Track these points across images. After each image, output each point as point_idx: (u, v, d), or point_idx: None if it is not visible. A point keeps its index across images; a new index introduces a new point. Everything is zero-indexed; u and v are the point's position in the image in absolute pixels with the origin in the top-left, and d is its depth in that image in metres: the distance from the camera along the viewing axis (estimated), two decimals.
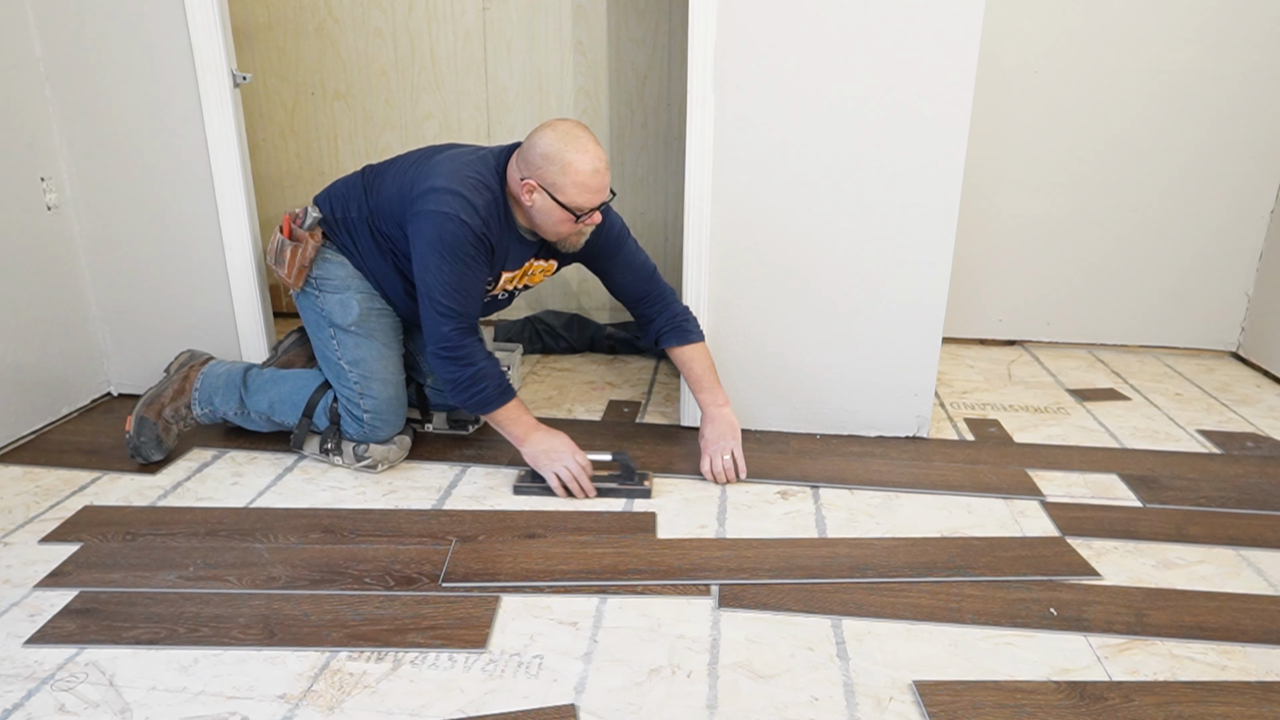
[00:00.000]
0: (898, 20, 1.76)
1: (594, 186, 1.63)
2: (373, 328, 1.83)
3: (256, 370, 1.93)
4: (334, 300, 1.81)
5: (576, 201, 1.64)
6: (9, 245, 1.92)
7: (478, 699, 1.17)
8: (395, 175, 1.77)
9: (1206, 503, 1.76)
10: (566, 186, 1.62)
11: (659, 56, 2.60)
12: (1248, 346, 2.68)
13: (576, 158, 1.61)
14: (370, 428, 1.81)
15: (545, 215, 1.67)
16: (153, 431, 1.83)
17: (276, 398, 1.88)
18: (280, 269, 1.80)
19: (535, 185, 1.64)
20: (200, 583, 1.41)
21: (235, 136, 2.00)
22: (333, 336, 1.81)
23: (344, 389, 1.81)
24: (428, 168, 1.71)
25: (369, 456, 1.82)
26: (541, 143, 1.63)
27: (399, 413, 1.85)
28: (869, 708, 1.17)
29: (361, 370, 1.80)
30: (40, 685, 1.18)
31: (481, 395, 1.70)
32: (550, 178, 1.62)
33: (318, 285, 1.81)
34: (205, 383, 1.90)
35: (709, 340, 1.97)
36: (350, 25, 2.65)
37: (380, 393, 1.81)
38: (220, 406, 1.89)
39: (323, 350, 1.84)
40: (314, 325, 1.84)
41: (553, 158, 1.62)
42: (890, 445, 2.00)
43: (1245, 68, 2.47)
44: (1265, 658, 1.29)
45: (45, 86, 2.00)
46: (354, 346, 1.81)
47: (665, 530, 1.62)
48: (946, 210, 1.87)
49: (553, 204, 1.64)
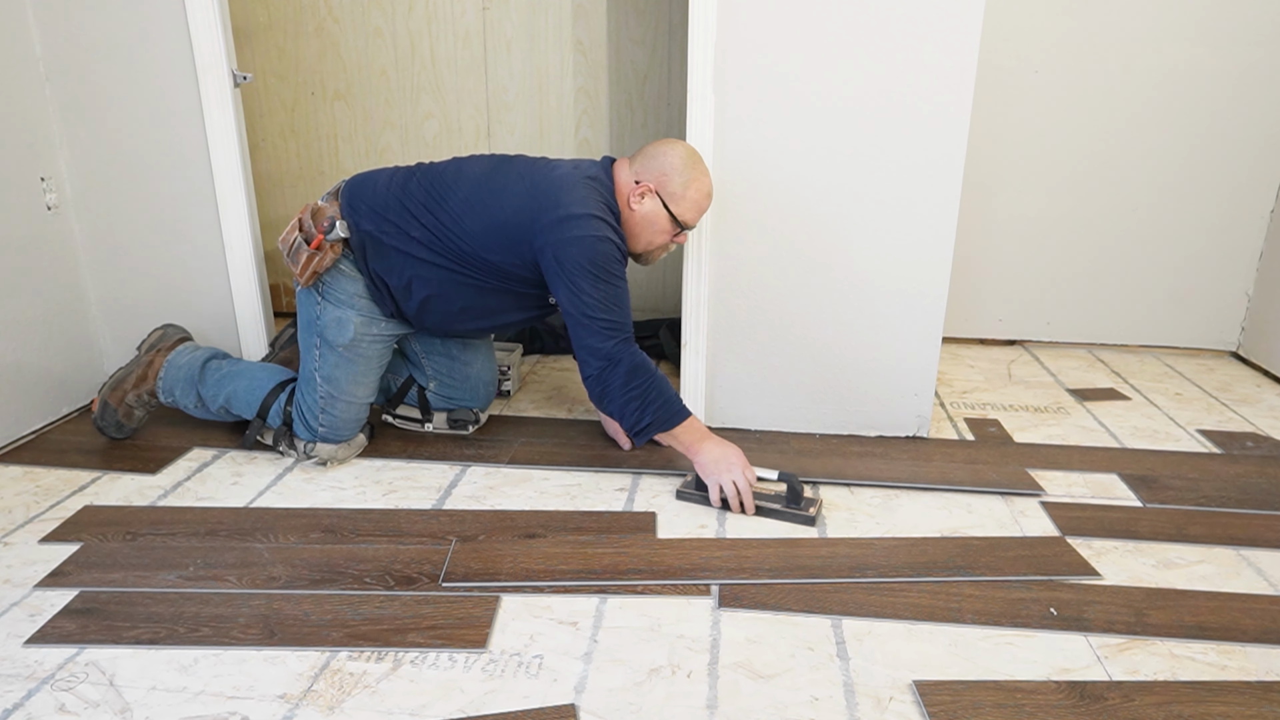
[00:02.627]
0: (898, 20, 1.76)
1: (704, 208, 1.76)
2: (360, 353, 1.81)
3: (215, 363, 1.91)
4: (332, 315, 1.78)
5: (686, 215, 1.74)
6: (9, 245, 1.92)
7: (478, 699, 1.17)
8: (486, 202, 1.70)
9: (1206, 502, 1.76)
10: (684, 200, 1.72)
11: (659, 56, 2.60)
12: (1248, 346, 2.68)
13: (703, 177, 1.73)
14: (321, 437, 1.83)
15: (650, 222, 1.73)
16: (113, 416, 1.88)
17: (233, 393, 1.88)
18: (292, 265, 1.77)
19: (651, 190, 1.71)
20: (200, 582, 1.41)
21: (236, 136, 2.00)
22: (317, 347, 1.80)
23: (308, 397, 1.81)
24: (549, 194, 1.67)
25: (315, 454, 1.84)
26: (672, 154, 1.72)
27: (354, 428, 1.87)
28: (869, 707, 1.17)
29: (332, 388, 1.80)
30: (40, 685, 1.18)
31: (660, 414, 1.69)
32: (672, 188, 1.71)
33: (322, 293, 1.79)
34: (168, 373, 1.90)
35: (710, 339, 1.99)
36: (350, 25, 2.65)
37: (342, 413, 1.82)
38: (180, 399, 1.90)
39: (304, 353, 1.83)
40: (304, 326, 1.83)
41: (682, 170, 1.71)
42: (890, 445, 2.00)
43: (1245, 68, 2.47)
44: (1265, 658, 1.29)
45: (45, 86, 2.00)
46: (334, 365, 1.80)
47: (665, 530, 1.62)
48: (946, 210, 1.87)
49: (663, 211, 1.72)
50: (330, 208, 1.76)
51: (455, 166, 1.78)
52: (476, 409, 2.03)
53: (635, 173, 1.74)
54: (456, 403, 2.02)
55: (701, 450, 1.70)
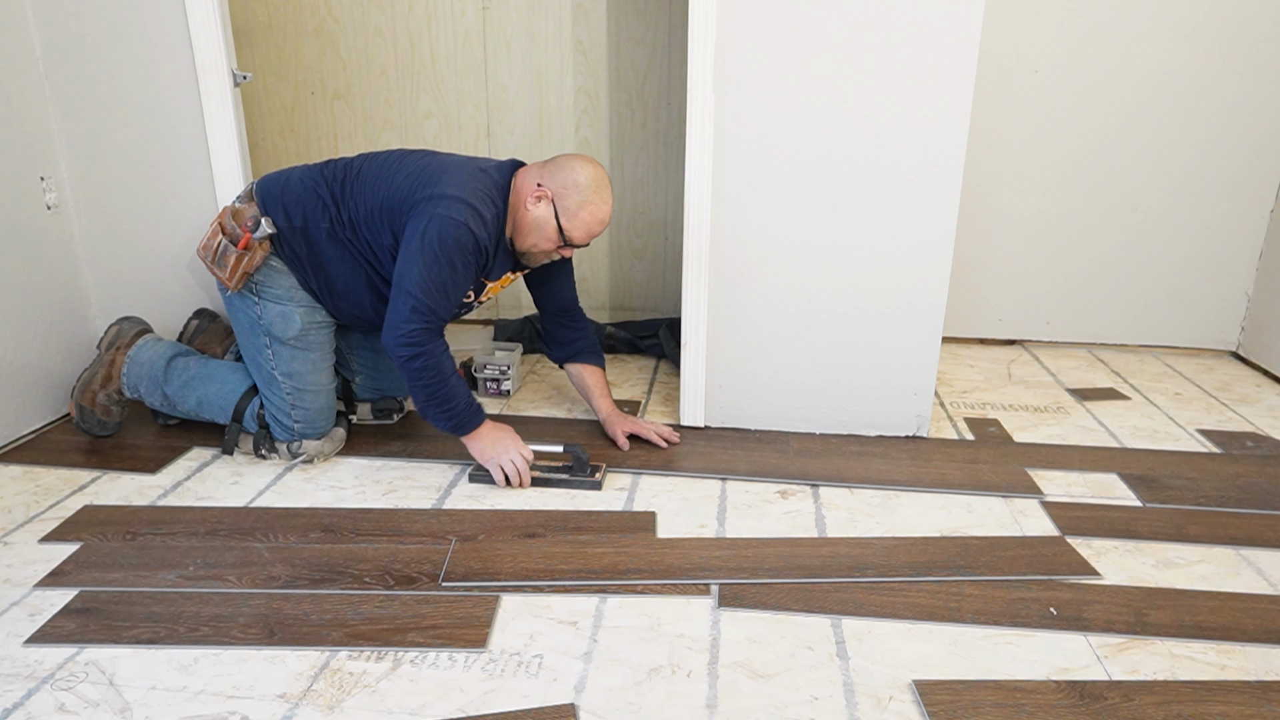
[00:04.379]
0: (898, 20, 1.76)
1: (595, 232, 1.75)
2: (310, 341, 1.82)
3: (181, 361, 1.90)
4: (275, 311, 1.78)
5: (574, 235, 1.73)
6: (9, 245, 1.92)
7: (478, 698, 1.17)
8: (377, 183, 1.73)
9: (1206, 502, 1.76)
10: (576, 217, 1.71)
11: (659, 56, 2.60)
12: (1248, 346, 2.68)
13: (600, 204, 1.73)
14: (299, 434, 1.84)
15: (538, 226, 1.73)
16: (94, 417, 1.90)
17: (204, 397, 1.87)
18: (219, 270, 1.75)
19: (549, 196, 1.71)
20: (200, 582, 1.41)
21: (235, 136, 2.00)
22: (268, 346, 1.79)
23: (274, 398, 1.82)
24: (433, 175, 1.69)
25: (303, 453, 1.85)
26: (579, 171, 1.72)
27: (329, 417, 1.89)
28: (869, 707, 1.17)
29: (295, 382, 1.81)
30: (40, 685, 1.18)
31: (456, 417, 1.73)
32: (568, 203, 1.71)
33: (258, 292, 1.77)
34: (130, 369, 1.90)
35: (710, 339, 2.00)
36: (350, 25, 2.65)
37: (312, 403, 1.84)
38: (146, 396, 1.90)
39: (254, 357, 1.82)
40: (247, 330, 1.81)
41: (582, 188, 1.71)
42: (890, 445, 2.00)
43: (1245, 68, 2.47)
44: (1265, 657, 1.29)
45: (45, 86, 2.00)
46: (290, 359, 1.80)
47: (665, 530, 1.62)
48: (946, 209, 1.87)
49: (553, 222, 1.72)
50: (249, 208, 1.75)
51: (362, 159, 1.79)
52: (401, 398, 2.08)
53: (540, 176, 1.73)
54: (381, 393, 2.06)
55: (475, 438, 1.76)
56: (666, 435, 1.97)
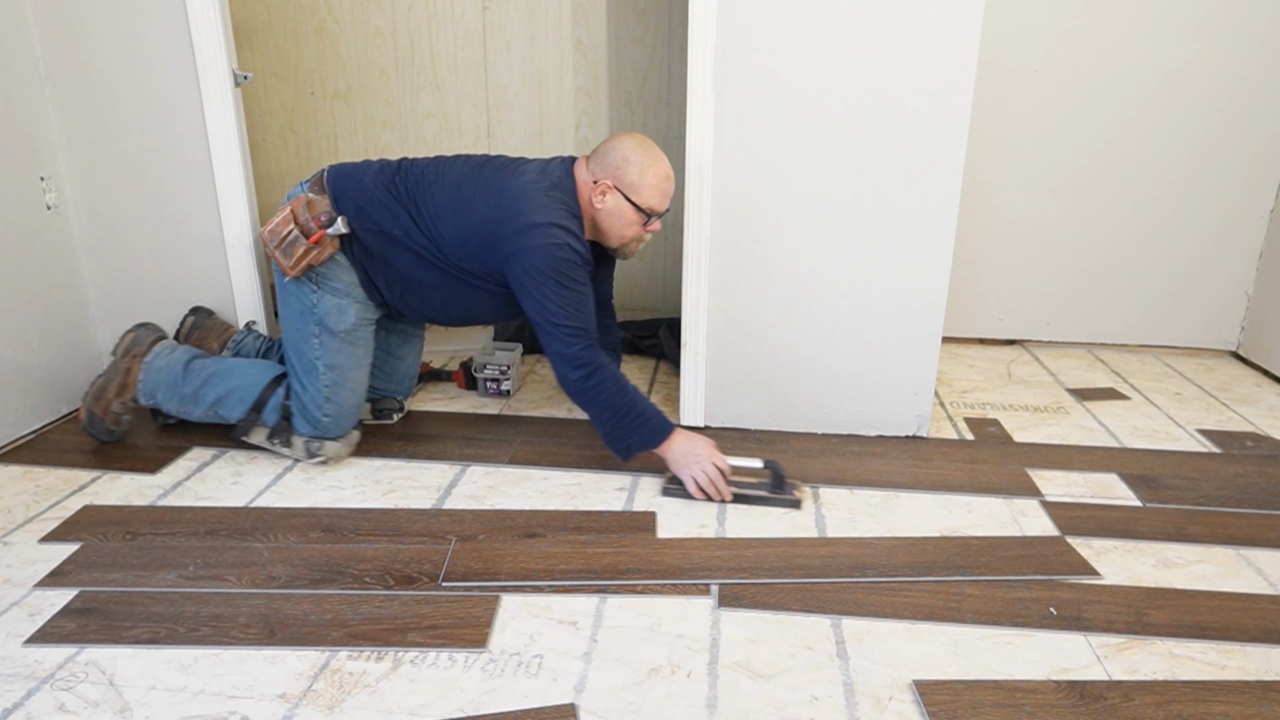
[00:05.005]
0: (898, 20, 1.76)
1: (666, 190, 1.76)
2: (359, 337, 1.84)
3: (199, 363, 1.88)
4: (331, 303, 1.80)
5: (650, 203, 1.74)
6: (9, 245, 1.92)
7: (478, 698, 1.17)
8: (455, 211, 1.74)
9: (1206, 502, 1.76)
10: (643, 188, 1.73)
11: (659, 56, 2.60)
12: (1248, 346, 2.68)
13: (657, 162, 1.74)
14: (325, 429, 1.83)
15: (615, 217, 1.76)
16: (102, 425, 1.89)
17: (224, 392, 1.85)
18: (282, 258, 1.75)
19: (610, 186, 1.73)
20: (200, 582, 1.41)
21: (236, 136, 2.00)
22: (316, 335, 1.80)
23: (310, 388, 1.80)
24: (512, 204, 1.70)
25: (322, 454, 1.84)
26: (620, 147, 1.74)
27: (355, 417, 1.90)
28: (869, 707, 1.17)
29: (336, 375, 1.81)
30: (40, 685, 1.18)
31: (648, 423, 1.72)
32: (628, 179, 1.73)
33: (317, 282, 1.79)
34: (148, 376, 1.87)
35: (710, 339, 2.00)
36: (350, 25, 2.65)
37: (346, 400, 1.84)
38: (164, 402, 1.88)
39: (299, 344, 1.81)
40: (296, 317, 1.82)
41: (632, 160, 1.73)
42: (890, 445, 2.00)
43: (1245, 68, 2.47)
44: (1265, 657, 1.29)
45: (45, 86, 2.00)
46: (336, 352, 1.81)
47: (665, 530, 1.62)
48: (946, 209, 1.87)
49: (626, 204, 1.74)
50: (322, 200, 1.76)
51: (435, 169, 1.80)
52: (401, 398, 2.09)
53: (592, 172, 1.76)
54: (381, 393, 2.06)
55: (669, 447, 1.73)
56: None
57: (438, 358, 2.58)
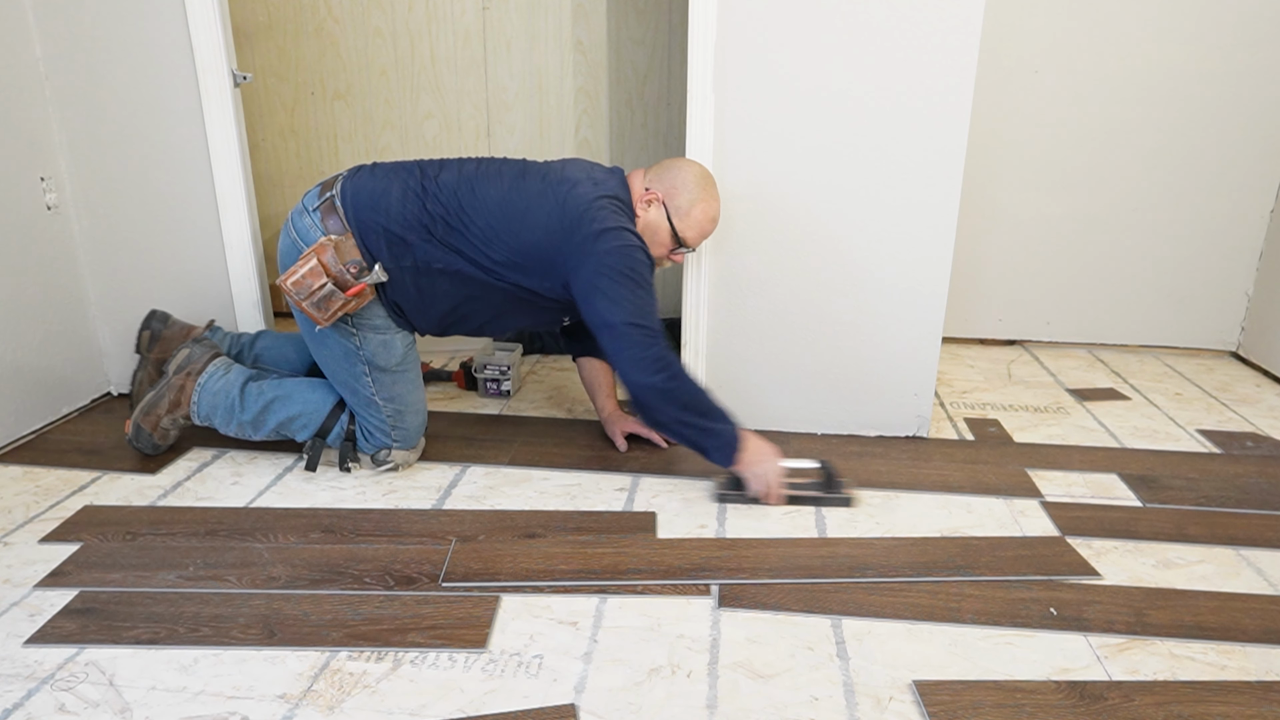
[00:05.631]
0: (898, 19, 1.76)
1: (707, 231, 1.78)
2: (409, 364, 1.82)
3: (254, 387, 1.82)
4: (376, 341, 1.74)
5: (687, 234, 1.75)
6: (9, 245, 1.92)
7: (478, 699, 1.17)
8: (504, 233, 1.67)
9: (1206, 502, 1.76)
10: (689, 217, 1.74)
11: (659, 56, 2.60)
12: (1248, 346, 2.68)
13: (711, 201, 1.75)
14: (395, 445, 1.83)
15: (652, 230, 1.74)
16: (149, 440, 1.85)
17: (286, 418, 1.81)
18: (316, 311, 1.63)
19: (660, 200, 1.73)
20: (200, 582, 1.41)
21: (236, 136, 2.00)
22: (367, 374, 1.76)
23: (374, 420, 1.79)
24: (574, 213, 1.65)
25: (391, 460, 1.83)
26: (688, 172, 1.75)
27: (423, 429, 1.88)
28: (869, 707, 1.17)
29: (397, 405, 1.80)
30: (40, 685, 1.18)
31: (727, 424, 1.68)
32: (679, 202, 1.73)
33: (355, 325, 1.73)
34: (202, 399, 1.81)
35: (710, 339, 2.00)
36: (350, 25, 2.65)
37: (411, 422, 1.83)
38: (221, 426, 1.83)
39: (350, 384, 1.77)
40: (341, 358, 1.75)
41: (692, 188, 1.73)
42: (890, 445, 2.00)
43: (1245, 68, 2.47)
44: (1265, 658, 1.29)
45: (45, 86, 2.00)
46: (391, 384, 1.78)
47: (665, 530, 1.62)
48: (946, 209, 1.87)
49: (665, 224, 1.74)
50: (347, 241, 1.65)
51: (469, 188, 1.69)
52: None
53: (648, 181, 1.76)
54: None
55: (745, 447, 1.69)
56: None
57: (438, 358, 2.58)
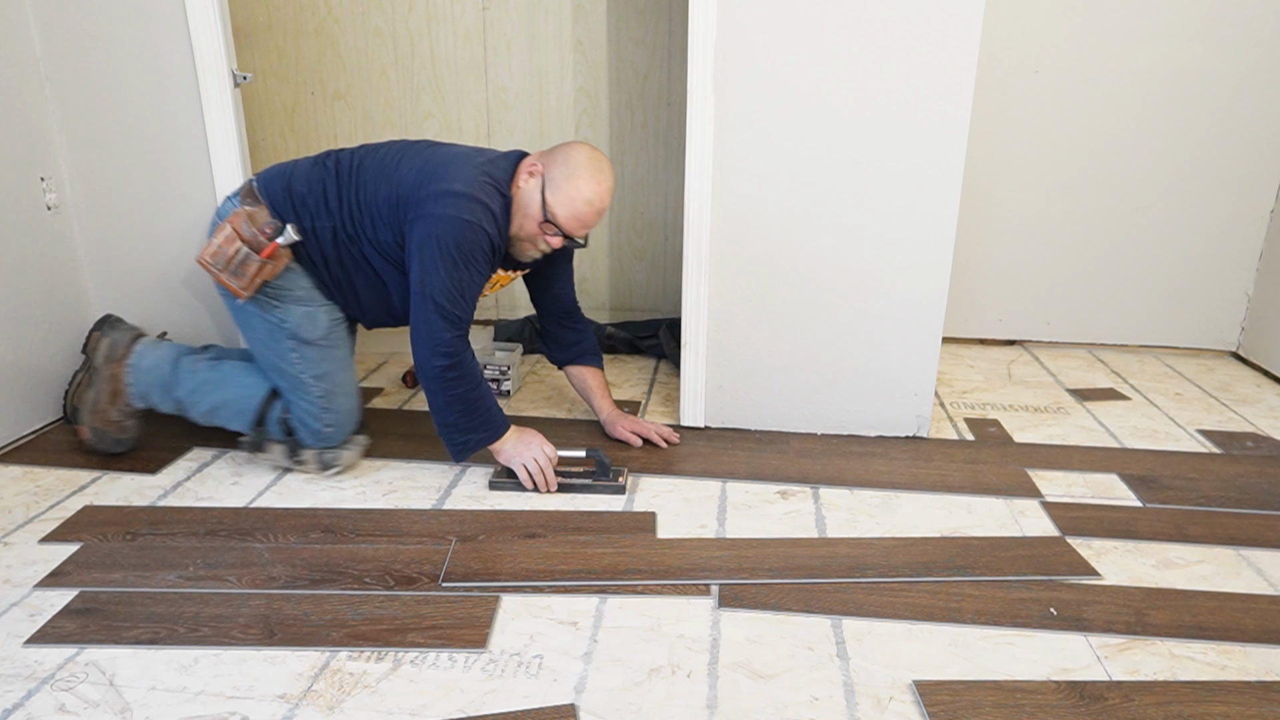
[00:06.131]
0: (898, 20, 1.76)
1: (581, 212, 1.65)
2: (336, 338, 1.77)
3: (188, 361, 1.81)
4: (300, 313, 1.71)
5: (555, 210, 1.64)
6: (9, 245, 1.92)
7: (478, 699, 1.17)
8: (379, 179, 1.66)
9: (1206, 502, 1.76)
10: (560, 191, 1.64)
11: (659, 56, 2.60)
12: (1248, 346, 2.68)
13: (590, 183, 1.64)
14: (329, 439, 1.78)
15: (525, 203, 1.66)
16: (109, 437, 1.83)
17: (219, 402, 1.79)
18: (233, 280, 1.64)
19: (540, 172, 1.66)
20: (200, 582, 1.41)
21: (236, 136, 2.00)
22: (294, 350, 1.72)
23: (304, 403, 1.75)
24: (436, 169, 1.63)
25: (338, 464, 1.80)
26: (575, 150, 1.67)
27: (357, 419, 1.84)
28: (869, 707, 1.17)
29: (327, 384, 1.75)
30: (40, 685, 1.18)
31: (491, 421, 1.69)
32: (555, 175, 1.65)
33: (276, 297, 1.70)
34: (135, 378, 1.81)
35: (710, 339, 2.00)
36: (350, 25, 2.65)
37: (343, 405, 1.78)
38: (159, 404, 1.82)
39: (277, 364, 1.74)
40: (265, 337, 1.73)
41: (574, 165, 1.64)
42: (890, 445, 2.00)
43: (1245, 68, 2.47)
44: (1265, 658, 1.29)
45: (45, 86, 2.00)
46: (319, 360, 1.74)
47: (665, 530, 1.62)
48: (946, 209, 1.87)
49: (537, 197, 1.65)
50: (262, 211, 1.67)
51: (365, 149, 1.73)
52: None
53: (539, 156, 1.69)
54: None
55: (503, 441, 1.72)
56: (667, 435, 1.97)
57: None
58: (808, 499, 1.75)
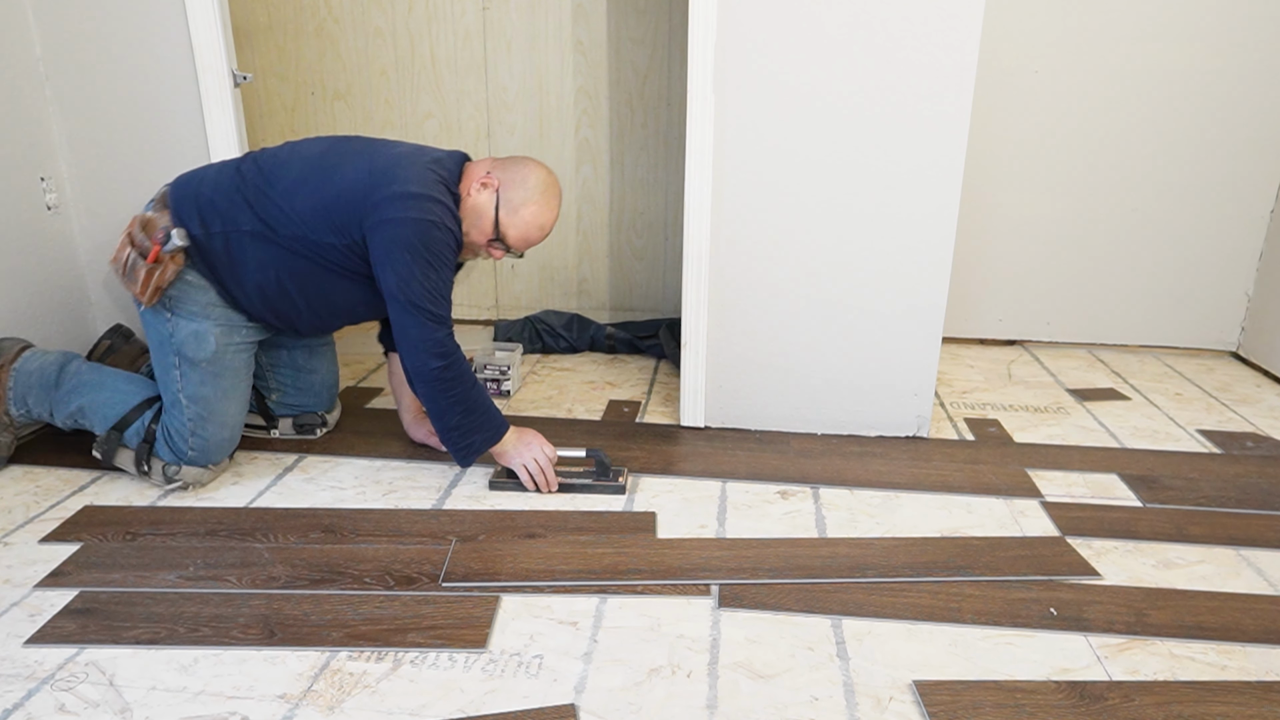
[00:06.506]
0: (898, 20, 1.76)
1: (531, 237, 1.70)
2: (224, 366, 1.70)
3: (75, 366, 1.77)
4: (187, 330, 1.66)
5: (506, 231, 1.68)
6: (9, 245, 1.92)
7: (478, 699, 1.17)
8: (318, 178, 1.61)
9: (1206, 502, 1.76)
10: (516, 214, 1.67)
11: (659, 56, 2.60)
12: (1248, 346, 2.68)
13: (544, 209, 1.68)
14: (189, 460, 1.71)
15: (477, 215, 1.67)
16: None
17: (88, 404, 1.73)
18: (130, 285, 1.62)
19: (494, 186, 1.66)
20: (200, 582, 1.41)
21: (236, 136, 2.00)
22: (176, 367, 1.67)
23: (175, 421, 1.69)
24: (387, 170, 1.59)
25: (180, 479, 1.72)
26: (535, 173, 1.68)
27: (226, 451, 1.77)
28: (869, 707, 1.17)
29: (200, 409, 1.69)
30: (40, 685, 1.18)
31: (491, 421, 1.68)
32: (512, 196, 1.66)
33: (171, 308, 1.65)
34: (18, 381, 1.74)
35: (710, 339, 2.00)
36: (350, 25, 2.65)
37: (213, 435, 1.71)
38: (35, 408, 1.76)
39: (162, 376, 1.70)
40: (157, 347, 1.69)
41: (531, 188, 1.67)
42: (890, 445, 2.00)
43: (1245, 68, 2.47)
44: (1265, 658, 1.29)
45: (45, 86, 2.00)
46: (199, 383, 1.68)
47: (665, 530, 1.62)
48: (946, 209, 1.87)
49: (491, 213, 1.66)
50: (161, 217, 1.63)
51: (289, 149, 1.69)
52: (322, 412, 1.99)
53: (492, 166, 1.69)
54: (300, 408, 1.97)
55: (503, 441, 1.72)
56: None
57: None
58: (808, 499, 1.75)
